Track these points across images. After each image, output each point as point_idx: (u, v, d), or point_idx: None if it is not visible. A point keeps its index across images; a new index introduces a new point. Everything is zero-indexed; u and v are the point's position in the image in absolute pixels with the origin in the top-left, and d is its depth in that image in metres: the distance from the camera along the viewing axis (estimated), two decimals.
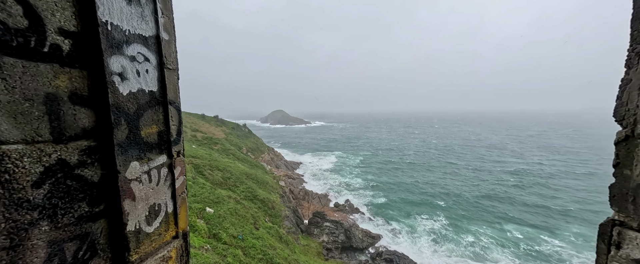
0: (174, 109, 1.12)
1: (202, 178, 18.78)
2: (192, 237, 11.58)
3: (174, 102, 1.12)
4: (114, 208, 0.89)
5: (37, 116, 0.73)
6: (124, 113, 0.90)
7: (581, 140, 75.87)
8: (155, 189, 1.01)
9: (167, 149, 1.08)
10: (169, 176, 1.10)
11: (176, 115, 1.13)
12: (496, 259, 19.81)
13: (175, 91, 1.12)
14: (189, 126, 35.36)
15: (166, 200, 1.08)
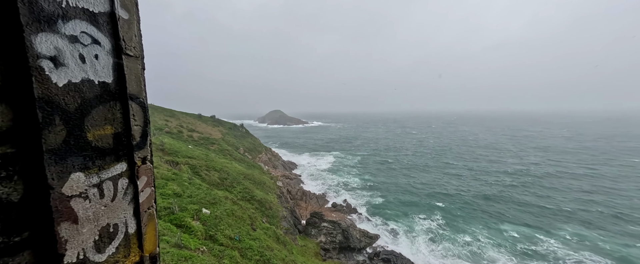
0: (137, 106, 0.91)
1: (199, 179, 18.47)
2: (188, 239, 11.32)
3: (137, 97, 0.90)
4: (46, 234, 0.69)
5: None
6: (60, 110, 0.69)
7: (576, 140, 76.87)
8: (110, 206, 0.81)
9: (127, 155, 0.87)
10: (130, 189, 0.88)
11: (140, 114, 0.92)
12: (493, 258, 19.86)
13: (139, 84, 0.91)
14: (185, 126, 34.89)
15: (126, 219, 0.86)
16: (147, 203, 0.91)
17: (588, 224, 24.37)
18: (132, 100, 0.88)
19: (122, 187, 0.86)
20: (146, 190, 0.93)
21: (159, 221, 11.67)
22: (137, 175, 0.90)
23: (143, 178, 0.93)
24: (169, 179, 16.02)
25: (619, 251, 20.00)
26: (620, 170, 41.09)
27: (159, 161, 18.47)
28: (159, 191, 14.17)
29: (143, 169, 0.93)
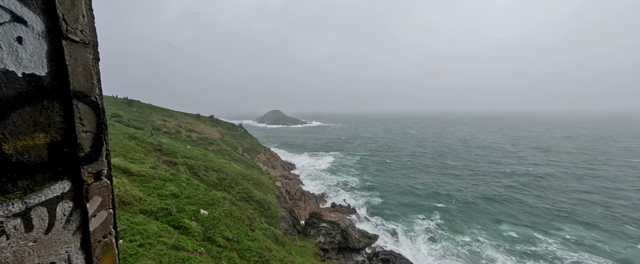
0: (87, 107, 0.70)
1: (197, 179, 18.26)
2: (185, 240, 11.12)
3: (87, 95, 0.70)
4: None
5: None
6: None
7: (574, 140, 77.09)
8: (43, 241, 0.60)
9: (70, 171, 0.66)
10: (75, 215, 0.68)
11: (91, 116, 0.71)
12: (492, 258, 19.79)
13: (90, 78, 0.70)
14: (183, 126, 34.60)
15: (69, 254, 0.65)
16: (101, 230, 0.72)
17: (587, 225, 24.35)
18: (79, 99, 0.67)
19: (63, 213, 0.65)
20: (100, 213, 0.73)
21: (156, 222, 11.45)
22: (86, 195, 0.70)
23: (96, 199, 0.72)
24: (167, 179, 15.79)
25: (618, 252, 19.97)
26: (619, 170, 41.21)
27: (157, 161, 18.22)
28: (157, 192, 13.94)
29: (96, 187, 0.72)
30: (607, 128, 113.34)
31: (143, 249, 9.07)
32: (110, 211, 0.75)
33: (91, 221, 0.68)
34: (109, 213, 0.74)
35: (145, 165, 16.59)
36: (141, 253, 8.80)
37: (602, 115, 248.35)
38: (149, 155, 18.67)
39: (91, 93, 0.69)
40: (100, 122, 0.70)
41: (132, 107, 33.99)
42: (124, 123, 24.88)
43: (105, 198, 0.73)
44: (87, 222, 0.67)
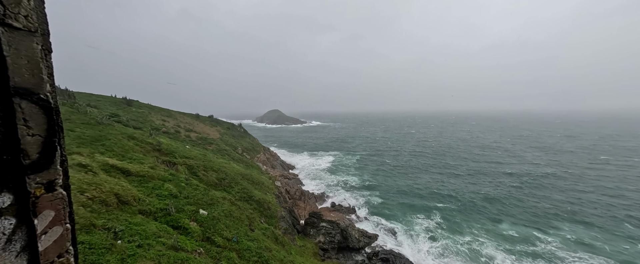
0: (33, 106, 0.59)
1: (196, 179, 18.18)
2: (184, 240, 11.05)
3: (34, 92, 0.59)
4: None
5: None
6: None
7: (575, 140, 77.01)
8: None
9: (11, 182, 0.54)
10: (19, 233, 0.56)
11: (40, 117, 0.60)
12: (491, 256, 19.76)
13: (38, 73, 0.58)
14: (183, 126, 34.51)
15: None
16: (55, 249, 0.59)
17: (586, 225, 24.31)
18: (23, 97, 0.55)
19: (2, 232, 0.53)
20: (54, 229, 0.62)
21: (155, 223, 11.37)
22: (34, 209, 0.58)
23: (47, 213, 0.60)
24: (166, 180, 15.71)
25: (619, 252, 19.92)
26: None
27: (156, 161, 18.14)
28: (156, 192, 13.86)
29: (47, 200, 0.61)
30: (609, 127, 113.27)
31: (142, 250, 8.99)
32: (67, 226, 0.64)
33: (41, 239, 0.57)
34: (66, 229, 0.63)
35: (144, 165, 16.50)
36: (140, 254, 8.73)
37: (602, 114, 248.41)
38: (147, 155, 18.58)
39: (39, 89, 0.58)
40: (53, 123, 0.60)
41: (131, 106, 33.87)
42: (122, 123, 24.79)
43: (59, 212, 0.62)
44: (35, 241, 0.56)
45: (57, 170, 0.62)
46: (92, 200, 10.36)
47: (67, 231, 0.63)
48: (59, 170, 0.62)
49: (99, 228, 9.28)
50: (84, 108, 23.86)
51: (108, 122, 22.32)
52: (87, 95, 34.46)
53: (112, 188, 11.81)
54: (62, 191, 0.63)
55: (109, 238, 8.85)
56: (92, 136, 17.86)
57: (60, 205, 0.62)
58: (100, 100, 32.61)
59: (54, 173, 0.61)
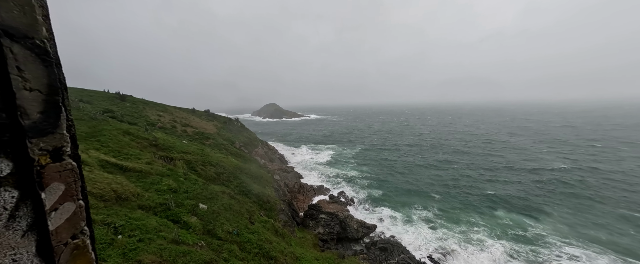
0: (28, 53, 0.49)
1: (194, 174, 18.07)
2: (185, 234, 11.07)
3: (27, 35, 0.48)
4: None
5: None
6: None
7: (572, 130, 78.40)
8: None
9: (10, 145, 0.46)
10: (24, 209, 0.48)
11: (37, 69, 0.50)
12: (488, 244, 20.36)
13: (29, 11, 0.48)
14: (179, 121, 33.99)
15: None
16: (68, 228, 0.53)
17: (577, 213, 25.07)
18: (13, 40, 0.45)
19: (4, 206, 0.45)
20: (65, 206, 0.53)
21: (155, 218, 11.32)
22: (41, 181, 0.50)
23: (56, 186, 0.52)
24: (164, 175, 15.57)
25: (614, 240, 20.61)
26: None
27: (153, 157, 17.91)
28: (154, 188, 13.75)
29: (54, 170, 0.52)
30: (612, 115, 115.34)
31: (143, 244, 8.97)
32: (80, 202, 0.55)
33: (51, 217, 0.48)
34: (79, 206, 0.54)
35: (141, 160, 16.29)
36: (141, 248, 8.71)
37: (602, 102, 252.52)
38: (144, 151, 18.31)
39: (33, 33, 0.47)
40: (55, 78, 0.49)
41: (125, 102, 33.12)
42: (117, 119, 24.26)
43: (70, 185, 0.52)
44: (44, 218, 0.47)
45: (63, 135, 0.52)
46: (89, 195, 10.22)
47: (80, 209, 0.54)
48: (66, 135, 0.52)
49: (98, 224, 9.19)
50: (76, 103, 23.21)
51: (102, 118, 21.81)
52: (79, 90, 33.49)
53: (110, 184, 11.64)
54: (71, 162, 0.54)
55: (109, 233, 8.78)
56: (86, 132, 17.45)
57: (71, 177, 0.53)
58: (92, 96, 31.76)
59: (61, 139, 0.51)
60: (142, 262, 8.13)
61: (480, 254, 19.08)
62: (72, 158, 0.55)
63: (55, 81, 0.49)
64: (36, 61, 0.46)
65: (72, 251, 0.49)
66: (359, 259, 17.51)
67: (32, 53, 0.46)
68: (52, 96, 0.50)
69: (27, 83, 0.45)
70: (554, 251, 19.29)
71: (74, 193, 0.52)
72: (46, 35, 0.47)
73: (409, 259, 17.74)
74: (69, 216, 0.50)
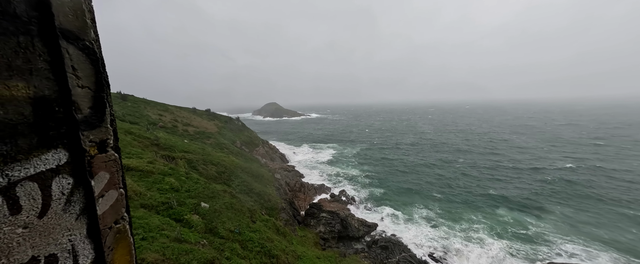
0: (81, 54, 0.52)
1: (196, 173, 18.14)
2: (188, 232, 11.14)
3: (80, 37, 0.52)
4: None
5: None
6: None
7: (573, 129, 78.32)
8: (36, 226, 0.45)
9: (67, 137, 0.50)
10: (77, 194, 0.52)
11: (87, 67, 0.53)
12: (489, 243, 20.43)
13: (80, 15, 0.51)
14: (180, 120, 34.07)
15: (73, 244, 0.50)
16: (112, 214, 0.57)
17: (577, 209, 25.11)
18: (69, 41, 0.49)
19: (61, 191, 0.49)
20: (109, 193, 0.58)
21: (158, 216, 11.39)
22: (90, 170, 0.54)
23: (102, 175, 0.56)
24: (166, 174, 15.63)
25: (615, 238, 20.64)
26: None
27: (155, 156, 17.98)
28: (156, 187, 13.81)
29: (101, 161, 0.56)
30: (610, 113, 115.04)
31: (146, 243, 9.04)
32: (121, 191, 0.59)
33: (99, 202, 0.53)
34: (121, 194, 0.59)
35: (143, 159, 16.35)
36: (144, 246, 8.78)
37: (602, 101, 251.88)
38: (146, 150, 18.38)
39: (84, 35, 0.50)
40: (100, 77, 0.53)
41: (126, 101, 33.19)
42: (119, 118, 24.34)
43: (113, 175, 0.57)
44: (93, 204, 0.52)
45: (108, 129, 0.56)
46: None
47: (121, 197, 0.58)
48: (110, 129, 0.57)
49: None
50: None
51: None
52: None
53: None
54: (114, 153, 0.58)
55: None
56: None
57: (114, 168, 0.57)
58: None
59: (106, 132, 0.55)
60: (145, 260, 8.20)
61: (481, 252, 19.16)
62: (115, 150, 0.59)
63: (101, 79, 0.52)
64: (86, 61, 0.50)
65: (115, 235, 0.53)
66: (360, 258, 17.60)
67: (83, 53, 0.49)
68: (99, 93, 0.53)
69: (79, 81, 0.49)
70: (554, 250, 19.36)
71: (117, 182, 0.56)
72: (94, 37, 0.51)
73: (410, 257, 17.81)
74: (112, 203, 0.54)
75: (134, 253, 0.65)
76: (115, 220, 0.55)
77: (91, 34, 0.52)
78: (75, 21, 0.49)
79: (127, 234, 0.58)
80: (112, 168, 0.56)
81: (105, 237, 0.52)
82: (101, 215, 0.51)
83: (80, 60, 0.49)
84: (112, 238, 0.54)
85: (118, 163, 0.60)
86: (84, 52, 0.50)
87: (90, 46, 0.51)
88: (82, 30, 0.50)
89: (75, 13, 0.48)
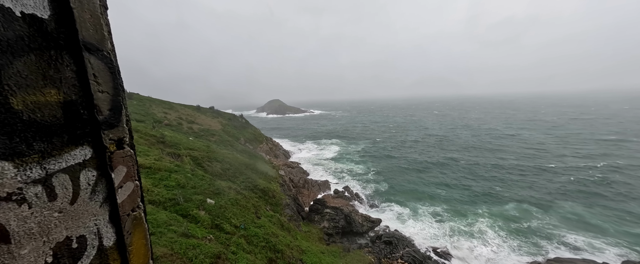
0: (100, 62, 0.60)
1: (201, 170, 18.47)
2: (194, 228, 11.43)
3: (99, 48, 0.60)
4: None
5: None
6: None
7: (581, 122, 76.58)
8: (69, 211, 0.54)
9: (90, 136, 0.59)
10: (100, 185, 0.61)
11: (106, 74, 0.62)
12: (492, 236, 20.40)
13: (100, 29, 0.59)
14: (184, 118, 34.53)
15: (98, 227, 0.60)
16: (129, 203, 0.67)
17: (584, 205, 24.75)
18: (90, 53, 0.57)
19: (88, 182, 0.58)
20: (127, 185, 0.67)
21: (165, 212, 11.71)
22: (110, 164, 0.62)
23: (120, 169, 0.65)
24: (172, 171, 15.97)
25: (623, 230, 20.37)
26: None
27: (161, 153, 18.35)
28: (163, 183, 14.15)
29: (119, 156, 0.65)
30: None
31: (154, 237, 9.34)
32: (137, 183, 0.68)
33: (118, 192, 0.62)
34: (136, 185, 0.68)
35: (150, 157, 16.72)
36: (153, 241, 9.08)
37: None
38: (152, 148, 18.77)
39: (103, 46, 0.59)
40: (117, 82, 0.62)
41: (131, 99, 33.73)
42: None
43: (130, 169, 0.66)
44: (114, 194, 0.61)
45: (124, 128, 0.64)
46: None
47: (137, 188, 0.67)
48: (126, 128, 0.65)
49: None
50: None
51: None
52: None
53: None
54: (130, 150, 0.66)
55: None
56: None
57: (130, 162, 0.66)
58: None
59: (123, 131, 0.64)
60: (154, 254, 8.49)
61: (485, 248, 19.16)
62: (130, 147, 0.68)
63: (118, 85, 0.60)
64: (105, 69, 0.58)
65: (132, 221, 0.62)
66: (364, 253, 17.81)
67: (102, 63, 0.57)
68: (117, 96, 0.61)
69: (100, 87, 0.56)
70: (560, 247, 19.21)
71: (133, 175, 0.65)
72: (110, 48, 0.58)
73: (413, 252, 17.94)
74: (129, 193, 0.63)
75: (148, 238, 0.74)
76: (132, 208, 0.64)
77: (108, 45, 0.60)
78: (95, 34, 0.56)
79: (142, 221, 0.67)
80: (128, 162, 0.65)
81: (125, 223, 0.61)
82: (120, 203, 0.60)
83: (100, 69, 0.57)
84: (130, 223, 0.63)
85: (133, 158, 0.69)
86: (103, 61, 0.58)
87: (108, 56, 0.59)
88: (101, 42, 0.57)
89: (95, 27, 0.56)
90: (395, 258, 17.55)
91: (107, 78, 0.61)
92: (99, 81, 0.58)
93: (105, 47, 0.59)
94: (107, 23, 0.60)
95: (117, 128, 0.63)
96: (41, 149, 0.47)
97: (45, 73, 0.48)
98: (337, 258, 16.44)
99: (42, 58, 0.47)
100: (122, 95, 0.63)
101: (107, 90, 0.61)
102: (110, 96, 0.62)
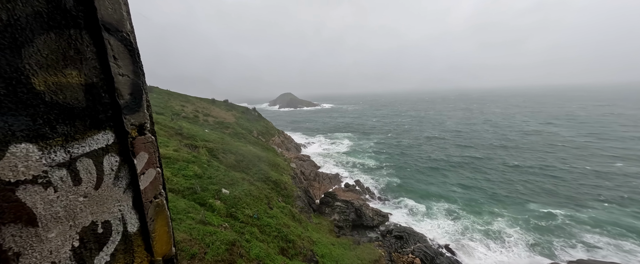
0: (120, 44, 0.58)
1: (216, 161, 19.16)
2: (211, 216, 12.00)
3: (118, 29, 0.57)
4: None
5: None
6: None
7: (608, 118, 70.16)
8: (94, 196, 0.54)
9: (112, 120, 0.57)
10: (123, 170, 0.60)
11: (126, 56, 0.59)
12: (510, 234, 19.62)
13: (117, 8, 0.56)
14: (201, 111, 35.74)
15: (122, 213, 0.59)
16: (152, 189, 0.66)
17: (606, 210, 22.96)
18: (110, 33, 0.55)
19: (111, 168, 0.57)
20: (149, 171, 0.66)
21: (184, 200, 12.37)
22: (132, 150, 0.61)
23: (142, 155, 0.64)
24: (190, 161, 16.72)
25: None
26: None
27: (179, 144, 19.21)
28: (182, 173, 14.89)
29: (141, 142, 0.63)
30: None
31: (174, 223, 9.93)
32: (158, 170, 0.68)
33: (141, 179, 0.61)
34: (158, 172, 0.68)
35: (169, 147, 17.57)
36: (174, 227, 9.67)
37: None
38: (171, 139, 19.69)
39: (122, 27, 0.58)
40: (137, 66, 0.60)
41: (151, 93, 35.36)
42: None
43: (151, 155, 0.65)
44: (136, 180, 0.60)
45: (145, 113, 0.64)
46: None
47: (158, 175, 0.67)
48: (146, 114, 0.64)
49: None
50: None
51: None
52: None
53: None
54: (151, 136, 0.66)
55: None
56: None
57: (152, 149, 0.65)
58: None
59: (144, 116, 0.63)
60: (175, 239, 9.05)
61: (500, 248, 18.49)
62: (152, 133, 0.67)
63: (138, 68, 0.58)
64: (125, 51, 0.56)
65: (155, 208, 0.62)
66: (374, 246, 17.86)
67: (122, 44, 0.55)
68: (137, 80, 0.60)
69: (120, 70, 0.55)
70: (577, 245, 18.08)
71: (155, 161, 0.64)
72: (130, 29, 0.56)
73: (425, 248, 17.71)
74: (152, 179, 0.62)
75: (170, 225, 0.74)
76: (154, 195, 0.64)
77: (128, 26, 0.57)
78: (114, 14, 0.54)
79: (164, 208, 0.67)
80: (150, 149, 0.64)
81: (147, 209, 0.61)
82: (143, 189, 0.60)
83: (120, 50, 0.55)
84: (152, 210, 0.63)
85: (155, 144, 0.68)
86: (122, 43, 0.56)
87: (127, 37, 0.57)
88: (120, 23, 0.55)
89: (113, 6, 0.54)
90: (406, 253, 17.45)
91: (127, 61, 0.59)
92: (119, 63, 0.56)
93: (125, 28, 0.57)
94: (126, 2, 0.57)
95: (138, 113, 0.61)
96: (64, 132, 0.46)
97: (66, 53, 0.46)
98: (347, 250, 16.63)
99: (62, 37, 0.45)
100: (142, 79, 0.61)
101: (128, 73, 0.60)
102: (131, 79, 0.61)
